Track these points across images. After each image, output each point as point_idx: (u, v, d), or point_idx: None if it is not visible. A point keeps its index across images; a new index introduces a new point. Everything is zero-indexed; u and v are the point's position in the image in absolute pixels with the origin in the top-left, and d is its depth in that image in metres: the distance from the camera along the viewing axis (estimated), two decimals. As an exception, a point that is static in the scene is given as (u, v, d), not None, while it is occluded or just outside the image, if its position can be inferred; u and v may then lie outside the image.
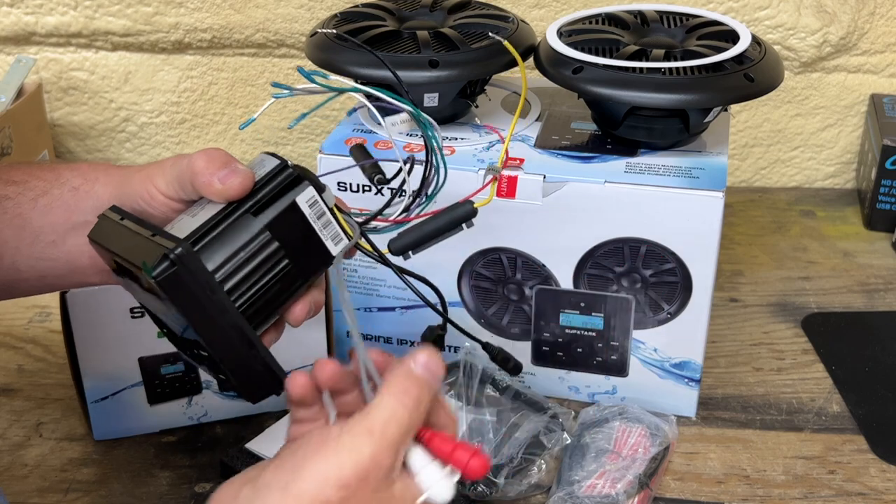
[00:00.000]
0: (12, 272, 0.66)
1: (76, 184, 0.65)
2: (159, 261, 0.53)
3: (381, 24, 0.87)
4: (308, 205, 0.59)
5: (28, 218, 0.65)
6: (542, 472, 0.77)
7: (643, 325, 0.83)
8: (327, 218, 0.60)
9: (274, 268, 0.58)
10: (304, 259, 0.60)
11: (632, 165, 0.81)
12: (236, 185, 0.57)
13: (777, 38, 1.19)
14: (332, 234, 0.60)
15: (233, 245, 0.57)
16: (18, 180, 0.66)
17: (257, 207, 0.58)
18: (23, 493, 0.77)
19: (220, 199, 0.58)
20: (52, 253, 0.65)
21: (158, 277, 0.53)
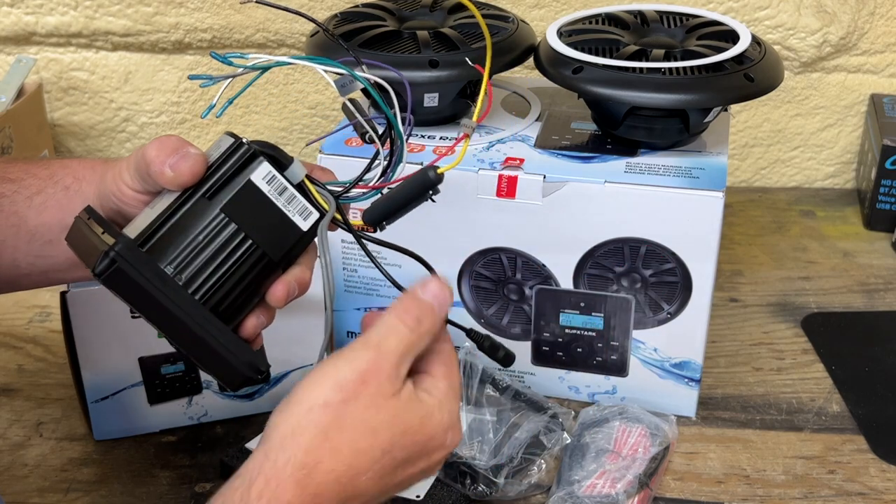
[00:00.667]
0: (13, 269, 0.66)
1: (67, 183, 0.65)
2: (100, 259, 0.53)
3: (381, 24, 0.87)
4: (265, 181, 0.57)
5: (24, 217, 0.65)
6: (542, 471, 0.77)
7: (643, 325, 0.83)
8: (290, 193, 0.58)
9: (236, 251, 0.57)
10: (271, 239, 0.58)
11: (632, 165, 0.81)
12: (186, 170, 0.56)
13: (777, 38, 1.19)
14: (298, 209, 0.58)
15: (188, 233, 0.56)
16: (14, 178, 0.66)
17: (212, 191, 0.56)
18: (23, 493, 0.77)
19: (174, 187, 0.56)
20: (51, 251, 0.66)
21: (101, 276, 0.53)
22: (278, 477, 0.51)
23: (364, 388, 0.52)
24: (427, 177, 0.59)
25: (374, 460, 0.53)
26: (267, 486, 0.51)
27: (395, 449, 0.53)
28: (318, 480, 0.51)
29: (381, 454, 0.53)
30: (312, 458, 0.51)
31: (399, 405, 0.53)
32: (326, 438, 0.52)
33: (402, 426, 0.53)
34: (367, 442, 0.52)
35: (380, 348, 0.53)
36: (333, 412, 0.52)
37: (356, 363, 0.53)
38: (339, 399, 0.52)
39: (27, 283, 0.68)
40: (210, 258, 0.56)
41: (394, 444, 0.53)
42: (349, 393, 0.52)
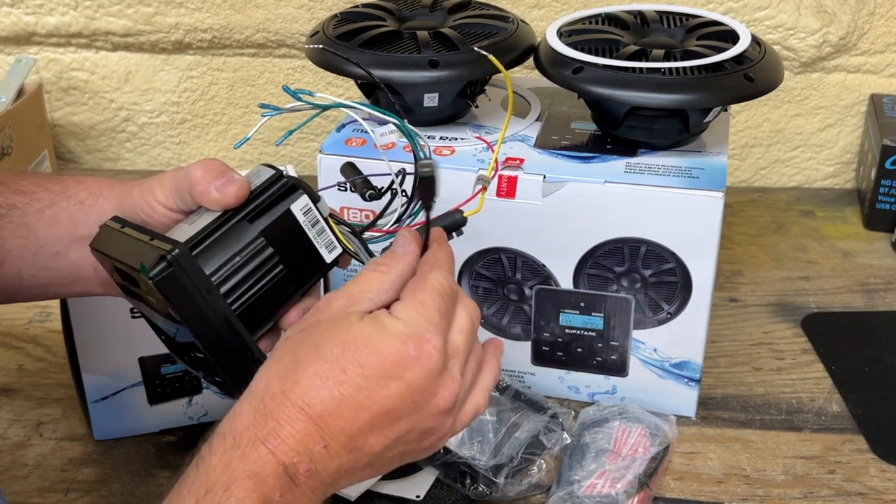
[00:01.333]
0: (15, 280, 0.67)
1: (82, 197, 0.66)
2: (156, 262, 0.54)
3: (381, 25, 0.87)
4: (302, 212, 0.61)
5: (34, 228, 0.66)
6: (542, 471, 0.77)
7: (643, 325, 0.83)
8: (321, 226, 0.61)
9: (269, 273, 0.59)
10: (298, 265, 0.61)
11: (632, 165, 0.81)
12: (232, 193, 0.59)
13: (777, 38, 1.19)
14: (325, 241, 0.62)
15: (229, 250, 0.58)
16: (26, 190, 0.67)
17: (253, 215, 0.59)
18: (23, 493, 0.77)
19: (217, 208, 0.59)
20: (56, 263, 0.66)
21: (155, 278, 0.54)
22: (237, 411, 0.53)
23: (319, 315, 0.56)
24: (455, 220, 0.64)
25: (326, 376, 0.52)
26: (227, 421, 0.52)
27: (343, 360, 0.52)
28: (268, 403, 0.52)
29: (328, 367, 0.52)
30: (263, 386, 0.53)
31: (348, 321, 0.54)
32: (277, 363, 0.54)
33: (348, 339, 0.53)
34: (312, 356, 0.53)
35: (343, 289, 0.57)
36: (291, 341, 0.55)
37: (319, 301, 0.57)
38: (298, 329, 0.55)
39: (25, 296, 0.69)
40: (247, 276, 0.59)
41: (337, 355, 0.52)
42: (307, 323, 0.56)
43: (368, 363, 0.52)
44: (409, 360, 0.53)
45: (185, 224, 0.60)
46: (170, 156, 1.32)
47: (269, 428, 0.51)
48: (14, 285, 0.67)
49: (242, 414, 0.52)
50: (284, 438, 0.51)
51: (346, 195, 0.83)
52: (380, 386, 0.53)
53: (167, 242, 0.56)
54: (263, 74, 1.26)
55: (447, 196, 0.65)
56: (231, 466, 0.50)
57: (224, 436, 0.52)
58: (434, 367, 0.54)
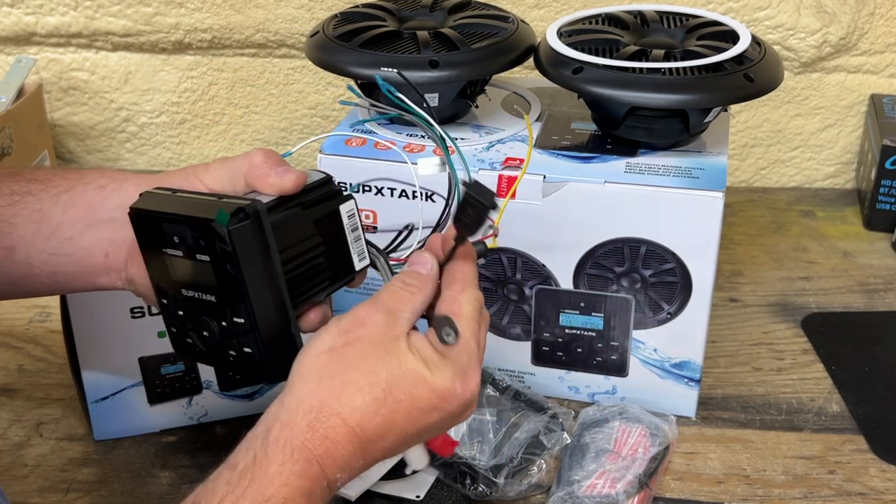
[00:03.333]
0: (25, 266, 0.66)
1: (102, 183, 0.67)
2: (235, 212, 0.56)
3: (381, 25, 0.87)
4: (347, 216, 0.63)
5: (48, 213, 0.66)
6: (542, 472, 0.77)
7: (643, 325, 0.83)
8: (359, 233, 0.64)
9: (313, 259, 0.62)
10: (334, 263, 0.63)
11: (632, 165, 0.81)
12: (291, 179, 0.61)
13: (777, 39, 1.19)
14: (359, 249, 0.64)
15: (289, 226, 0.60)
16: (42, 178, 0.68)
17: (307, 204, 0.62)
18: (23, 493, 0.77)
19: (274, 192, 0.61)
20: (67, 248, 0.66)
21: (231, 227, 0.56)
22: (291, 421, 0.55)
23: (363, 330, 0.57)
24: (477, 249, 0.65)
25: (378, 401, 0.55)
26: (282, 431, 0.54)
27: (397, 390, 0.56)
28: (325, 423, 0.55)
29: (382, 394, 0.56)
30: (317, 401, 0.55)
31: (398, 347, 0.57)
32: (330, 379, 0.56)
33: (399, 366, 0.56)
34: (367, 379, 0.56)
35: (375, 299, 0.59)
36: (336, 354, 0.56)
37: (355, 312, 0.58)
38: (341, 342, 0.57)
39: (34, 285, 0.68)
40: (297, 255, 0.61)
41: (393, 385, 0.56)
42: (350, 336, 0.57)
43: (420, 397, 0.56)
44: (455, 397, 0.57)
45: None
46: (170, 156, 1.32)
47: (324, 448, 0.54)
48: (24, 273, 0.67)
49: (298, 427, 0.55)
50: (336, 459, 0.55)
51: (346, 195, 0.83)
52: (425, 416, 0.57)
53: (243, 199, 0.58)
54: (263, 74, 1.26)
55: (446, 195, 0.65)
56: (290, 483, 0.53)
57: (282, 446, 0.54)
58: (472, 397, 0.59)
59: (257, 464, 0.54)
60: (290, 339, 0.60)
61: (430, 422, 0.57)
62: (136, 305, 0.79)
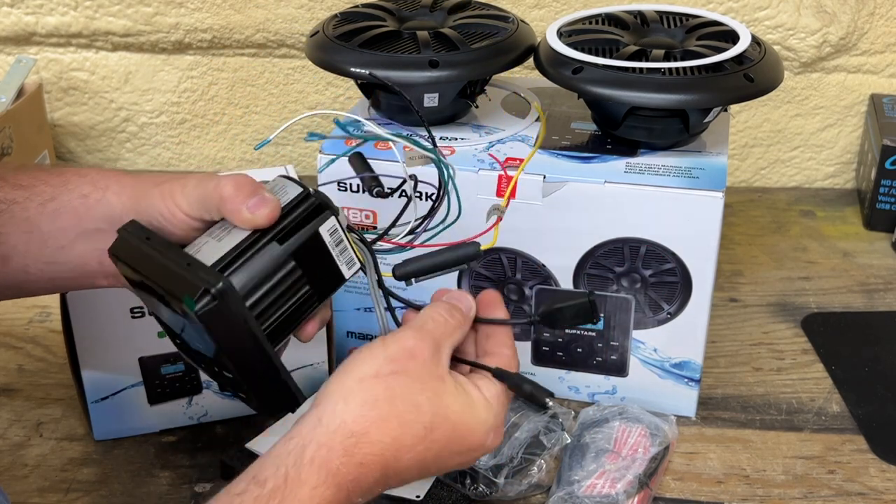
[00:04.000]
0: (21, 275, 0.66)
1: (85, 191, 0.65)
2: (200, 295, 0.55)
3: (381, 25, 0.87)
4: (329, 233, 0.61)
5: (36, 223, 0.65)
6: (542, 472, 0.77)
7: (643, 325, 0.83)
8: (344, 245, 0.63)
9: (296, 293, 0.60)
10: (322, 283, 0.62)
11: (632, 165, 0.81)
12: (265, 215, 0.59)
13: (777, 39, 1.19)
14: (346, 259, 0.63)
15: (260, 273, 0.59)
16: (25, 184, 0.66)
17: (282, 235, 0.59)
18: (23, 493, 0.77)
19: (248, 227, 0.59)
20: (62, 257, 0.66)
21: (200, 312, 0.55)
22: (329, 443, 0.54)
23: (412, 363, 0.57)
24: (469, 251, 0.66)
25: (417, 438, 0.56)
26: (318, 451, 0.54)
27: (437, 431, 0.57)
28: (364, 451, 0.55)
29: (423, 432, 0.56)
30: (361, 427, 0.55)
31: (444, 388, 0.58)
32: (375, 408, 0.55)
33: (445, 408, 0.57)
34: (412, 416, 0.56)
35: (422, 329, 0.59)
36: (384, 383, 0.56)
37: (403, 340, 0.58)
38: (388, 370, 0.57)
39: (33, 289, 0.69)
40: (277, 298, 0.60)
41: (435, 425, 0.57)
42: (398, 366, 0.57)
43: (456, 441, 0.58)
44: (483, 448, 0.60)
45: (212, 240, 0.60)
46: (170, 156, 1.32)
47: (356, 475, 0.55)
48: (21, 280, 0.67)
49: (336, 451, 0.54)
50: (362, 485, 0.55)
51: (346, 195, 0.83)
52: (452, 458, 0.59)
53: (207, 273, 0.56)
54: (263, 74, 1.26)
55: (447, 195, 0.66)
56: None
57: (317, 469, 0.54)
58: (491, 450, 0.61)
59: (288, 484, 0.53)
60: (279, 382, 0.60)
61: (451, 463, 0.59)
62: (136, 305, 0.79)
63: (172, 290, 0.56)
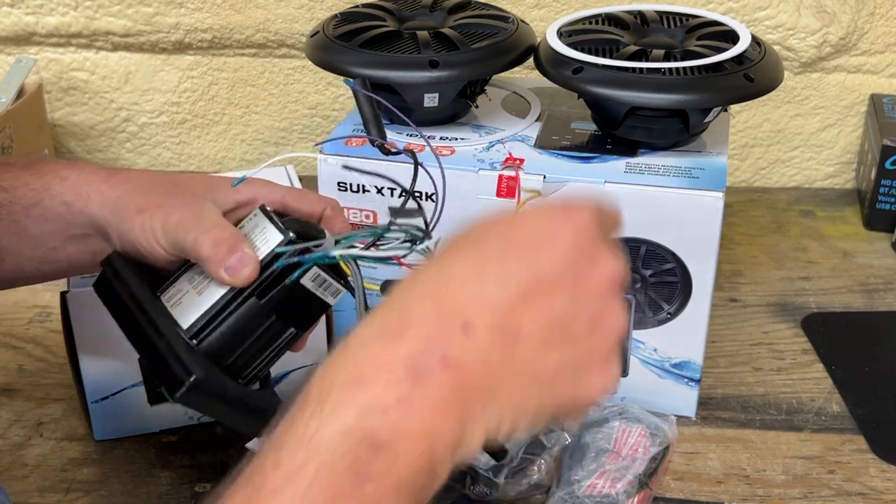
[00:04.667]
0: (17, 272, 0.67)
1: (67, 199, 0.64)
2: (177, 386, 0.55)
3: (381, 25, 0.87)
4: (311, 280, 0.60)
5: (24, 226, 0.65)
6: (542, 471, 0.77)
7: (643, 325, 0.83)
8: (328, 283, 0.61)
9: (280, 340, 0.61)
10: (306, 320, 0.62)
11: (632, 165, 0.81)
12: (243, 277, 0.57)
13: (777, 39, 1.19)
14: (331, 291, 0.61)
15: (240, 331, 0.58)
16: (7, 186, 0.66)
17: (262, 289, 0.58)
18: (23, 493, 0.77)
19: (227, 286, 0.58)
20: (54, 257, 0.66)
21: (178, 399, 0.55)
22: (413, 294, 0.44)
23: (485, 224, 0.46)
24: None
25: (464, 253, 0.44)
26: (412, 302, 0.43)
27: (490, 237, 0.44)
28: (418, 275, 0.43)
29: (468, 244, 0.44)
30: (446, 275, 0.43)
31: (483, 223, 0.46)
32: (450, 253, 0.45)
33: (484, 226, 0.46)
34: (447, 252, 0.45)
35: None
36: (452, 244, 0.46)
37: None
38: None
39: (31, 283, 0.70)
40: (258, 352, 0.60)
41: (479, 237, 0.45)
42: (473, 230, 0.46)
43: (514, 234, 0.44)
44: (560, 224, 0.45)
45: (192, 290, 0.60)
46: (170, 156, 1.32)
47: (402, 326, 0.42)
48: (17, 276, 0.68)
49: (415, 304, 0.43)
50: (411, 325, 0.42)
51: (346, 194, 0.83)
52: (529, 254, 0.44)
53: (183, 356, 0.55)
54: (263, 74, 1.26)
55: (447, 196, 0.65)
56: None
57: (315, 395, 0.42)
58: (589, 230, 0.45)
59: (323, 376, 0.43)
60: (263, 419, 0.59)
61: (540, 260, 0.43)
62: (136, 305, 0.79)
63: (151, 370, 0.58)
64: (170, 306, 0.60)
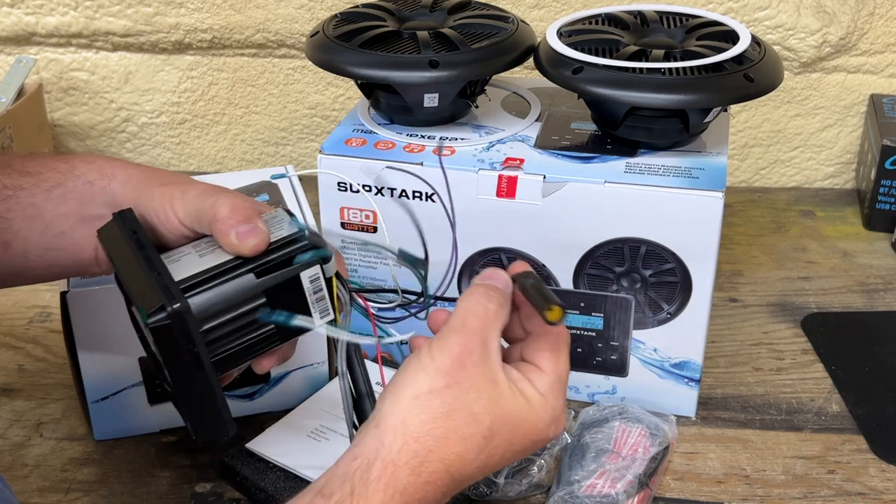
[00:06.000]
0: (21, 260, 0.67)
1: (91, 178, 0.66)
2: (156, 310, 0.55)
3: (381, 25, 0.87)
4: (310, 280, 0.60)
5: (41, 208, 0.66)
6: (542, 472, 0.77)
7: (643, 325, 0.83)
8: (322, 293, 0.61)
9: (257, 329, 0.60)
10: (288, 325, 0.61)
11: (632, 165, 0.81)
12: (250, 245, 0.59)
13: (777, 39, 1.19)
14: (322, 307, 0.62)
15: (227, 301, 0.58)
16: (33, 171, 0.67)
17: (262, 270, 0.59)
18: (23, 493, 0.77)
19: (232, 252, 0.59)
20: (60, 243, 0.66)
21: (151, 325, 0.55)
22: (395, 463, 0.54)
23: (463, 372, 0.56)
24: None
25: (479, 449, 0.56)
26: (385, 470, 0.54)
27: (497, 437, 0.56)
28: (430, 469, 0.55)
29: (483, 442, 0.56)
30: (424, 447, 0.55)
31: (498, 391, 0.57)
32: (435, 426, 0.55)
33: (503, 415, 0.57)
34: (471, 429, 0.56)
35: (464, 328, 0.57)
36: (439, 398, 0.56)
37: (450, 348, 0.57)
38: (442, 385, 0.56)
39: (31, 277, 0.69)
40: (236, 329, 0.59)
41: (494, 432, 0.56)
42: (450, 378, 0.56)
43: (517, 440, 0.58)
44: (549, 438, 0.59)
45: (194, 253, 0.60)
46: (170, 156, 1.32)
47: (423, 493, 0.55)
48: (20, 266, 0.67)
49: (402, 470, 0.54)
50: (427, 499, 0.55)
51: (347, 194, 0.83)
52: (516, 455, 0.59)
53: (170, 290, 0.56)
54: (263, 74, 1.26)
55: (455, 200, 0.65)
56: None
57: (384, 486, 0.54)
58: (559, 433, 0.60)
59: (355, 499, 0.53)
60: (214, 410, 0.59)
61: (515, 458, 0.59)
62: (136, 305, 0.79)
63: (134, 294, 0.56)
64: (168, 262, 0.59)
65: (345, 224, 0.84)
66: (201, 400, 0.59)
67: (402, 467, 0.54)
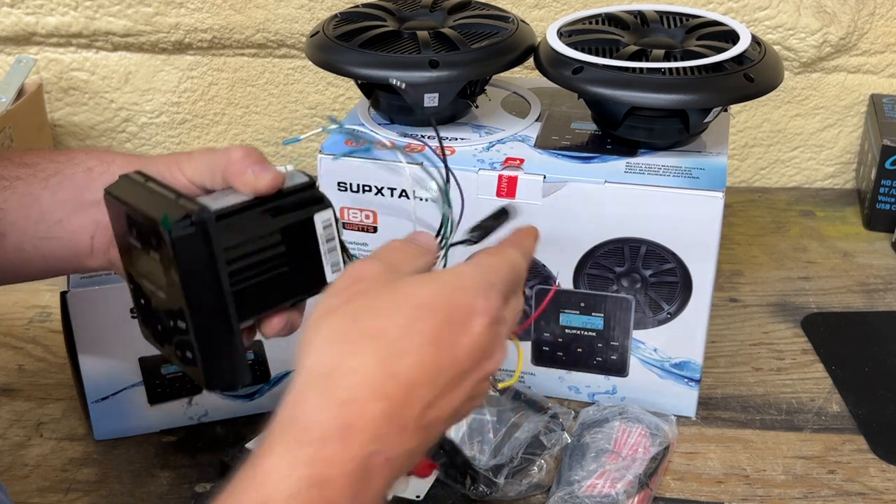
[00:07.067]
0: (17, 252, 0.67)
1: (91, 164, 0.67)
2: (181, 218, 0.54)
3: (381, 25, 0.87)
4: (323, 225, 0.61)
5: (37, 197, 0.66)
6: (542, 472, 0.77)
7: (643, 325, 0.83)
8: (335, 244, 0.62)
9: (273, 269, 0.59)
10: (301, 273, 0.61)
11: (632, 165, 0.81)
12: (267, 180, 0.58)
13: (777, 39, 1.19)
14: (333, 260, 0.62)
15: (245, 234, 0.58)
16: (31, 163, 0.67)
17: (277, 210, 0.59)
18: (23, 493, 0.78)
19: (248, 191, 0.59)
20: (56, 232, 0.66)
21: (174, 234, 0.54)
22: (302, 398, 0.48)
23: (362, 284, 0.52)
24: None
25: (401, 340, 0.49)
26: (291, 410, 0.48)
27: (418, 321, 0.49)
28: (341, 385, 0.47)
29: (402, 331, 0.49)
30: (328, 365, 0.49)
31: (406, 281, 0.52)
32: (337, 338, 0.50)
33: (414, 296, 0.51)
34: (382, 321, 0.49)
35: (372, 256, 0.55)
36: (339, 314, 0.51)
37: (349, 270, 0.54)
38: (341, 301, 0.51)
39: (28, 271, 0.69)
40: (253, 264, 0.58)
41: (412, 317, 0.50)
42: (349, 292, 0.52)
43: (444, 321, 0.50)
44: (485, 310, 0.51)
45: (209, 199, 0.59)
46: (170, 156, 1.32)
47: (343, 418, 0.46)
48: (16, 258, 0.67)
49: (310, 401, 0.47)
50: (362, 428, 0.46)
51: (347, 195, 0.83)
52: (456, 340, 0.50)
53: (195, 204, 0.56)
54: (263, 74, 1.26)
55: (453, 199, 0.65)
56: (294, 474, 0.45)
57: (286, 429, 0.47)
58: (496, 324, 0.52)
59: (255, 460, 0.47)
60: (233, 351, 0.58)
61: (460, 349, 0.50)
62: (136, 305, 0.79)
63: (153, 214, 0.55)
64: None
65: (345, 224, 0.84)
66: (217, 336, 0.57)
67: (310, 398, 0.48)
